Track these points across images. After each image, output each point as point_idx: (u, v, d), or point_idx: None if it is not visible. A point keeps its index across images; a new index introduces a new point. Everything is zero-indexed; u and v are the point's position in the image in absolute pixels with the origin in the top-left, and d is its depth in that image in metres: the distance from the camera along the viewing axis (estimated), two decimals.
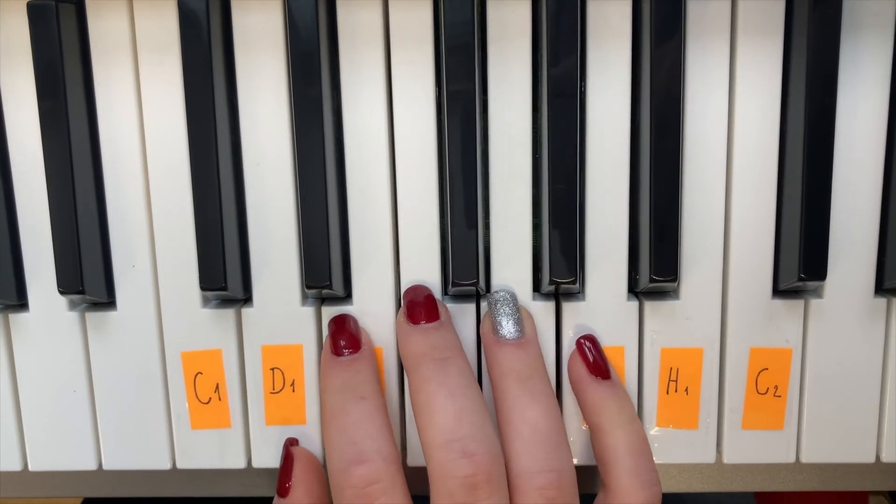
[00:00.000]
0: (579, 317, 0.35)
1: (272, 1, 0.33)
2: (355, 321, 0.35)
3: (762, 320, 0.35)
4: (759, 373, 0.35)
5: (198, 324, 0.35)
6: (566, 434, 0.33)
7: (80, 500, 0.56)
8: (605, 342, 0.35)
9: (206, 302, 0.36)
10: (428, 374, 0.32)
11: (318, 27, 0.32)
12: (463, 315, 0.35)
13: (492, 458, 0.30)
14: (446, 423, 0.30)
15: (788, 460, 0.36)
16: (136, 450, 0.37)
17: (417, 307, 0.34)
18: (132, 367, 0.36)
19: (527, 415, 0.32)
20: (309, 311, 0.35)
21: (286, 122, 0.34)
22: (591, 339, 0.35)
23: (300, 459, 0.34)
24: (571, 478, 0.32)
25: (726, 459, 0.36)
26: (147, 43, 0.34)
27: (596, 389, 0.34)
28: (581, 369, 0.34)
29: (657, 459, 0.36)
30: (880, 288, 0.35)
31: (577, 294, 0.36)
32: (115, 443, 0.37)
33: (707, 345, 0.35)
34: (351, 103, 0.34)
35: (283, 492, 0.34)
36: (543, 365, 0.34)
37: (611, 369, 0.35)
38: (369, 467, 0.31)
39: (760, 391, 0.35)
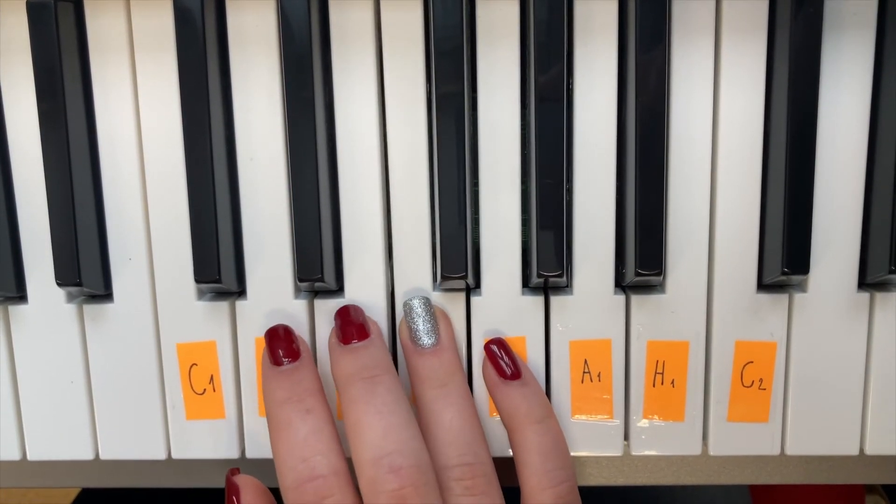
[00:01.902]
0: (567, 310, 0.36)
1: (265, 0, 0.34)
2: (290, 330, 0.35)
3: (747, 314, 0.35)
4: (745, 366, 0.36)
5: (193, 316, 0.36)
6: (481, 431, 0.34)
7: (79, 491, 0.57)
8: (593, 335, 0.36)
9: (200, 295, 0.36)
10: (356, 395, 0.33)
11: (311, 26, 0.33)
12: (453, 308, 0.36)
13: (418, 470, 0.31)
14: (374, 441, 0.31)
15: (773, 452, 0.37)
16: (133, 440, 0.37)
17: (348, 328, 0.34)
18: (129, 358, 0.37)
19: (441, 418, 0.34)
20: (301, 304, 0.36)
21: (279, 118, 0.35)
22: (498, 342, 0.36)
23: (246, 488, 0.34)
24: (486, 469, 0.33)
25: (712, 451, 0.37)
26: (144, 41, 0.34)
27: (506, 391, 0.35)
28: (491, 373, 0.35)
29: (644, 451, 0.37)
30: (863, 282, 0.35)
31: (564, 288, 0.36)
32: (112, 433, 0.37)
33: (693, 338, 0.36)
34: (343, 100, 0.35)
35: None
36: (460, 368, 0.35)
37: (523, 369, 0.35)
38: (322, 482, 0.32)
39: (745, 384, 0.36)
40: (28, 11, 0.33)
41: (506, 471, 0.36)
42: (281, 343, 0.35)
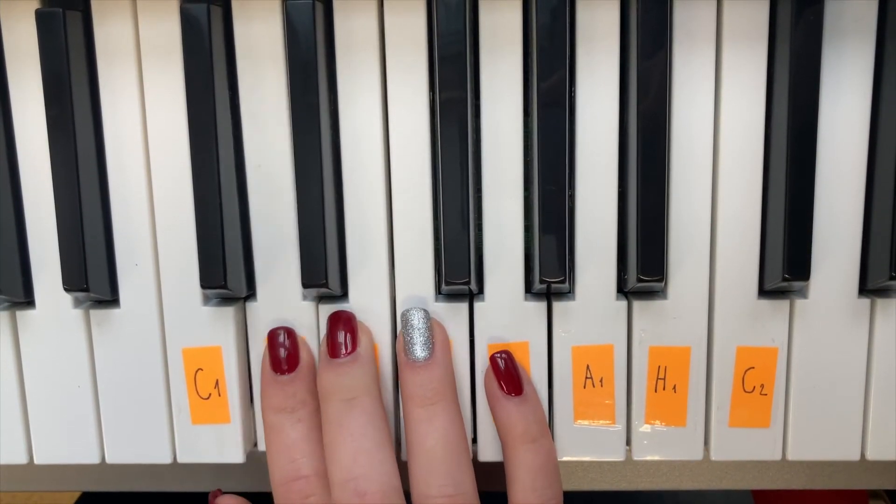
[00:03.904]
0: (569, 316, 0.36)
1: (271, 8, 0.34)
2: (293, 335, 0.36)
3: (748, 320, 0.36)
4: (746, 371, 0.36)
5: (198, 321, 0.36)
6: (466, 456, 0.34)
7: (79, 494, 0.57)
8: (595, 341, 0.36)
9: (206, 300, 0.37)
10: (332, 414, 0.34)
11: (316, 33, 0.33)
12: (455, 314, 0.36)
13: (383, 495, 0.32)
14: (343, 463, 0.33)
15: (775, 457, 0.37)
16: (138, 444, 0.38)
17: (336, 341, 0.35)
18: (135, 363, 0.37)
19: (425, 442, 0.34)
20: (308, 307, 0.36)
21: (286, 125, 0.35)
22: (505, 354, 0.36)
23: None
24: (468, 499, 0.33)
25: (714, 456, 0.37)
26: (151, 49, 0.35)
27: (505, 406, 0.35)
28: (493, 386, 0.36)
29: (646, 456, 0.37)
30: (864, 289, 0.36)
31: (567, 294, 0.36)
32: (118, 437, 0.37)
33: (694, 343, 0.36)
34: (348, 107, 0.35)
35: None
36: (450, 387, 0.35)
37: (525, 386, 0.35)
38: (306, 482, 0.34)
39: (747, 389, 0.36)
40: (37, 20, 0.33)
41: (498, 476, 0.36)
42: (281, 350, 0.35)
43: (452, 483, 0.33)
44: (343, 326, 0.35)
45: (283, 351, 0.35)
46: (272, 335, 0.36)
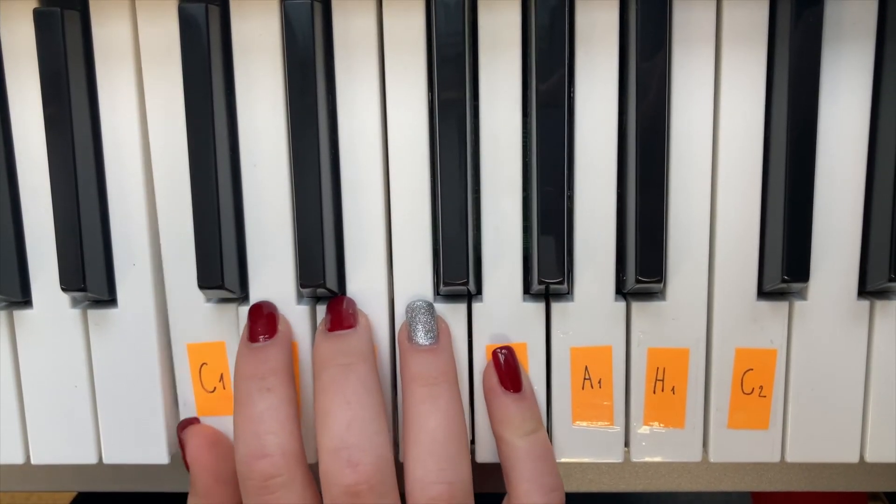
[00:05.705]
0: (568, 317, 0.36)
1: (270, 8, 0.34)
2: (274, 308, 0.35)
3: (747, 321, 0.36)
4: (745, 373, 0.36)
5: (203, 317, 0.36)
6: (466, 444, 0.34)
7: (75, 495, 0.57)
8: (593, 342, 0.36)
9: (209, 297, 0.37)
10: (328, 381, 0.33)
11: (314, 33, 0.33)
12: (454, 314, 0.36)
13: (376, 468, 0.31)
14: (337, 431, 0.32)
15: (773, 459, 0.37)
16: (136, 444, 0.37)
17: (337, 317, 0.34)
18: (132, 362, 0.37)
19: (427, 423, 0.33)
20: (304, 310, 0.36)
21: (283, 124, 0.35)
22: (506, 350, 0.36)
23: (191, 440, 0.35)
24: (465, 488, 0.33)
25: (712, 458, 0.37)
26: (149, 48, 0.35)
27: (503, 401, 0.35)
28: (493, 379, 0.35)
29: (644, 458, 0.37)
30: (863, 290, 0.36)
31: (565, 295, 0.36)
32: (115, 437, 0.37)
33: (693, 345, 0.36)
34: (346, 107, 0.35)
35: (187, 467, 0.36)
36: (453, 373, 0.35)
37: (524, 382, 0.35)
38: (269, 462, 0.32)
39: (746, 391, 0.36)
40: (35, 19, 0.33)
41: (493, 477, 0.36)
42: (259, 321, 0.35)
43: (453, 469, 0.32)
44: (343, 306, 0.35)
45: (261, 321, 0.34)
46: (252, 308, 0.35)
